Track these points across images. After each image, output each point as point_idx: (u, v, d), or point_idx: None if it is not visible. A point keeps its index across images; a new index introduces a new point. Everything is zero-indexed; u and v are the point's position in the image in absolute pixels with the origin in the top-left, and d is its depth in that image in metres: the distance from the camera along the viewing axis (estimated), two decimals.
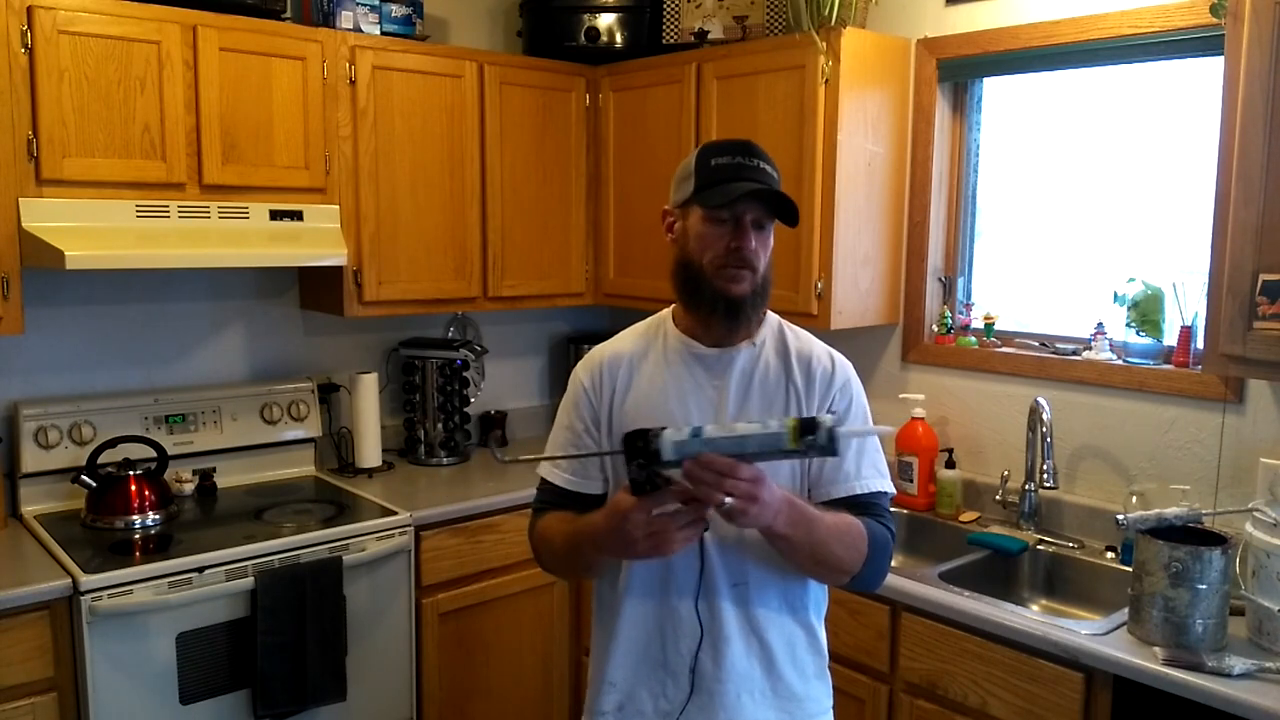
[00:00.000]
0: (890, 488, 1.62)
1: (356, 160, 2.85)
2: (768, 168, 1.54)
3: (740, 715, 1.56)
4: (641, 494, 1.37)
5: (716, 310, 1.55)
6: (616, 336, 1.71)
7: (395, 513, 2.70)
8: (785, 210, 1.53)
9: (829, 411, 1.57)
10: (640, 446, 1.34)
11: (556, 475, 1.66)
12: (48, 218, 2.36)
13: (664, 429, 1.36)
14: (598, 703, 1.62)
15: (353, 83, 2.81)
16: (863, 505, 1.56)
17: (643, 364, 1.63)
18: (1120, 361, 2.53)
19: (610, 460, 1.63)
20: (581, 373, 1.68)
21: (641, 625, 1.59)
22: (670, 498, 1.36)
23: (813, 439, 1.30)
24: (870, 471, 1.59)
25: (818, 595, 1.65)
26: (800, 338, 1.66)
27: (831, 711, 1.67)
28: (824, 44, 2.64)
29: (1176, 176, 2.48)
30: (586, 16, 3.22)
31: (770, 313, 1.66)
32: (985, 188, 2.90)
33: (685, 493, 1.35)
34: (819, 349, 1.64)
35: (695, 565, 1.55)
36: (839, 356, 1.65)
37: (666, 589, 1.57)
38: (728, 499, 1.32)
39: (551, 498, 1.67)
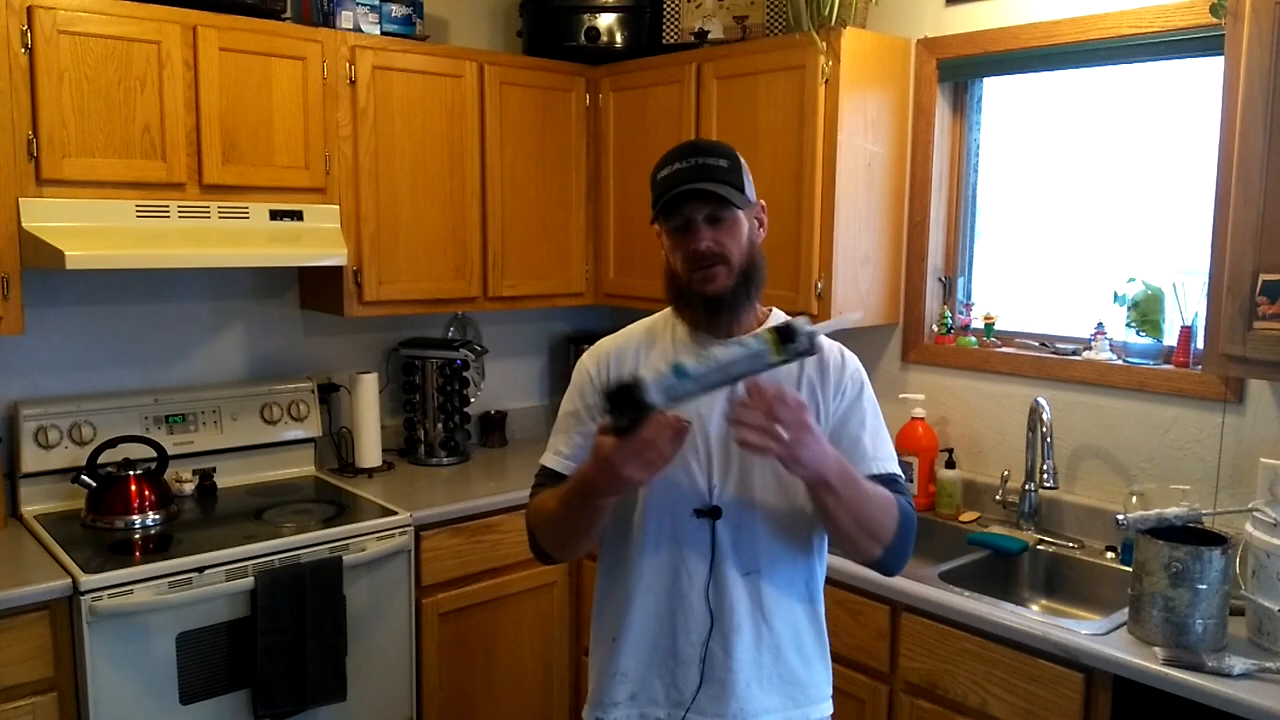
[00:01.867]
0: (900, 472, 1.64)
1: (356, 160, 2.85)
2: (709, 160, 1.54)
3: (750, 703, 1.57)
4: (621, 434, 1.34)
5: (699, 310, 1.58)
6: (622, 330, 1.73)
7: (395, 513, 2.70)
8: (733, 192, 1.53)
9: (838, 399, 1.60)
10: (627, 400, 1.32)
11: (555, 460, 1.66)
12: (48, 218, 2.36)
13: (639, 376, 1.33)
14: (609, 693, 1.63)
15: (353, 83, 2.81)
16: (890, 485, 1.57)
17: (651, 355, 1.64)
18: (1120, 361, 2.53)
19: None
20: (588, 361, 1.70)
21: (653, 615, 1.60)
22: (652, 427, 1.34)
23: (794, 345, 1.30)
24: (886, 453, 1.61)
25: (818, 582, 1.67)
26: None
27: (831, 699, 1.68)
28: (824, 44, 2.64)
29: (1176, 176, 2.48)
30: (586, 16, 3.22)
31: (775, 309, 1.68)
32: (985, 188, 2.90)
33: (666, 421, 1.34)
34: (826, 341, 1.64)
35: (706, 554, 1.56)
36: (846, 349, 1.67)
37: (677, 579, 1.58)
38: (783, 436, 1.30)
39: (548, 481, 1.67)
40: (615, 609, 1.64)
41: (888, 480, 1.58)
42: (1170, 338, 2.46)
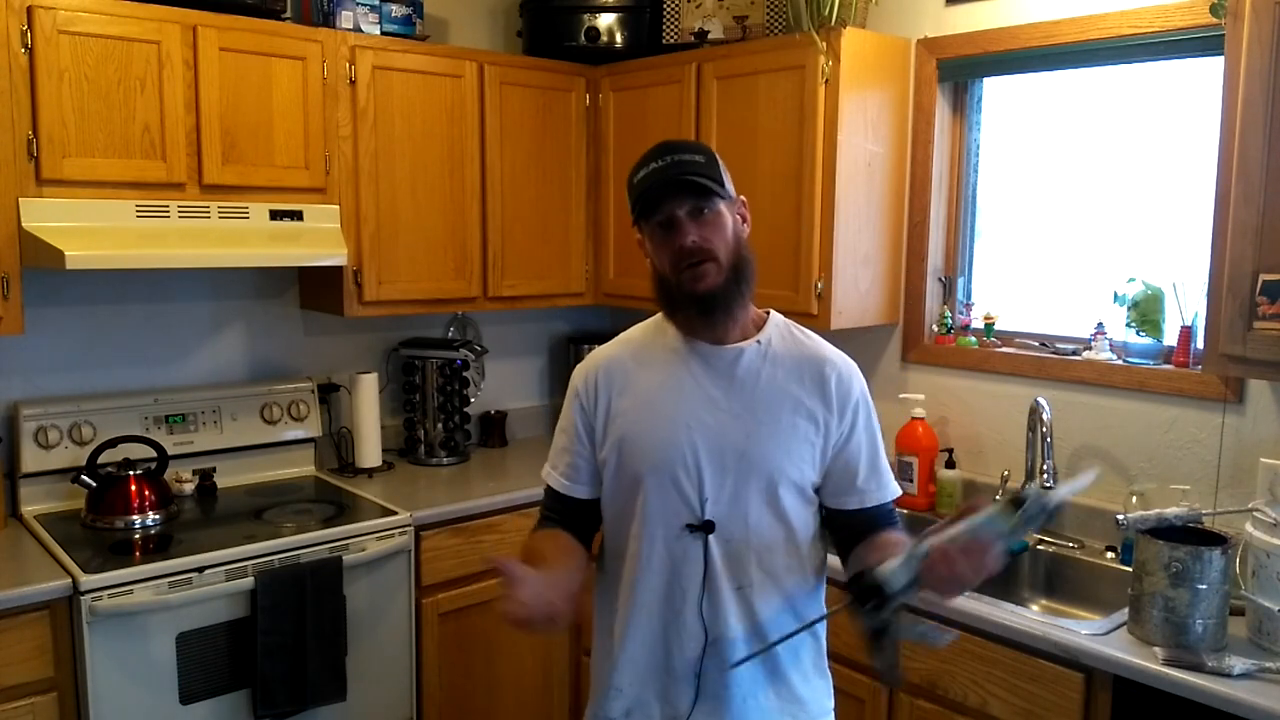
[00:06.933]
0: (900, 491, 1.66)
1: (356, 160, 2.85)
2: (684, 156, 1.52)
3: (746, 718, 1.56)
4: (878, 643, 1.36)
5: (691, 310, 1.55)
6: (618, 338, 1.70)
7: (395, 513, 2.70)
8: (712, 184, 1.51)
9: (843, 424, 1.58)
10: (866, 587, 1.34)
11: (555, 480, 1.67)
12: (48, 218, 2.36)
13: (879, 574, 1.34)
14: (605, 708, 1.62)
15: (353, 83, 2.81)
16: (888, 512, 1.60)
17: (643, 365, 1.62)
18: (1120, 361, 2.53)
19: (600, 463, 1.62)
20: (578, 376, 1.68)
21: (647, 630, 1.58)
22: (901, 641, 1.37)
23: (1025, 511, 1.30)
24: (885, 479, 1.61)
25: (817, 595, 1.65)
26: (809, 339, 1.64)
27: (833, 712, 1.67)
28: (824, 44, 2.64)
29: (1176, 177, 2.48)
30: (586, 16, 3.21)
31: (774, 313, 1.66)
32: (985, 188, 2.90)
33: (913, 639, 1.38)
34: (829, 352, 1.62)
35: (699, 569, 1.54)
36: (849, 363, 1.63)
37: (670, 594, 1.56)
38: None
39: (551, 504, 1.68)
40: (613, 623, 1.63)
41: (886, 512, 1.59)
42: (1170, 338, 2.46)
